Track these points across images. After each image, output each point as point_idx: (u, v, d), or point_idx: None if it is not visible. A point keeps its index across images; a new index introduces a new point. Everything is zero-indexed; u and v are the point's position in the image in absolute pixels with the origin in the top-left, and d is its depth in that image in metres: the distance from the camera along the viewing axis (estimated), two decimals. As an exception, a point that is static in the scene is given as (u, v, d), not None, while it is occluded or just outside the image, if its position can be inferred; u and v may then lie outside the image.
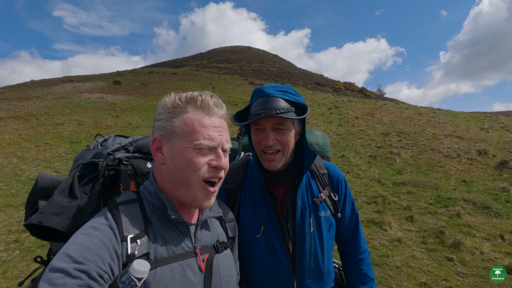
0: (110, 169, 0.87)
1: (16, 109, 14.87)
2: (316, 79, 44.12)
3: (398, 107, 21.66)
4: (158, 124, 0.77)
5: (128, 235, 0.69)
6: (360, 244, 1.24)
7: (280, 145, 1.03)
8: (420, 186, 6.38)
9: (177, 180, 0.76)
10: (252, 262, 1.12)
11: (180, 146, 0.74)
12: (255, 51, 68.76)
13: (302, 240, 1.08)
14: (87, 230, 0.68)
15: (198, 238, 0.81)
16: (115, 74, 36.27)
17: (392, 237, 4.28)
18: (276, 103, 1.00)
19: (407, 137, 11.40)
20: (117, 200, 0.75)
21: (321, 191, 1.14)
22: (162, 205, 0.76)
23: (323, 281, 1.13)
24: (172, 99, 0.78)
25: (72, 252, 0.61)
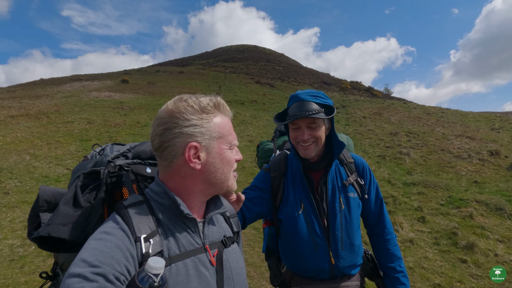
0: (112, 176, 0.88)
1: (27, 107, 15.13)
2: (322, 78, 43.93)
3: (406, 106, 21.44)
4: (191, 130, 0.74)
5: (141, 235, 0.70)
6: (386, 225, 1.38)
7: (313, 139, 1.27)
8: (431, 186, 6.32)
9: (215, 179, 0.80)
10: (294, 236, 1.30)
11: (219, 148, 0.79)
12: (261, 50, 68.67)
13: (334, 216, 1.28)
14: (100, 235, 0.69)
15: (206, 234, 0.83)
16: (122, 73, 36.62)
17: (404, 238, 4.26)
18: (309, 106, 1.24)
19: (416, 137, 11.28)
20: (124, 203, 0.76)
21: (349, 176, 1.35)
22: (172, 203, 0.77)
23: (354, 253, 1.30)
24: (200, 104, 0.77)
25: (87, 257, 0.63)
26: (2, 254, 3.72)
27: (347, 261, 1.28)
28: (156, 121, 0.77)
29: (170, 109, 0.75)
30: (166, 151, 0.75)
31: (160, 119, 0.76)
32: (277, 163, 1.41)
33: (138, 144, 1.04)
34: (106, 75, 33.64)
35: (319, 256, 1.27)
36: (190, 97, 0.78)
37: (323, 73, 54.34)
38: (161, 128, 0.75)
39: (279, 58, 60.16)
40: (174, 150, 0.75)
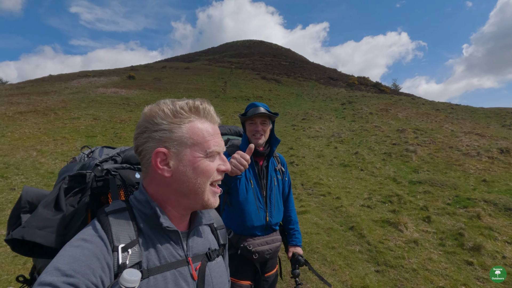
0: (98, 180, 0.85)
1: (35, 103, 15.33)
2: (329, 74, 43.40)
3: (414, 102, 21.05)
4: (159, 135, 0.71)
5: (118, 244, 0.67)
6: (290, 201, 2.03)
7: (262, 132, 1.81)
8: (437, 185, 6.18)
9: (188, 190, 0.74)
10: (245, 204, 1.78)
11: (191, 156, 0.73)
12: (268, 45, 68.15)
13: (271, 189, 1.86)
14: (77, 242, 0.65)
15: (190, 246, 0.79)
16: (129, 69, 36.80)
17: (408, 238, 4.17)
18: (262, 109, 1.80)
19: (423, 134, 11.07)
20: (106, 210, 0.72)
21: (277, 164, 1.97)
22: (153, 214, 0.73)
23: (279, 213, 1.90)
24: (172, 108, 0.73)
25: (61, 265, 0.59)
26: (6, 250, 3.77)
27: (276, 218, 1.86)
28: (137, 124, 0.76)
29: (144, 113, 0.74)
30: (141, 155, 0.74)
31: (139, 122, 0.75)
32: (234, 151, 1.81)
33: (128, 148, 1.01)
34: (113, 71, 33.87)
35: (260, 215, 1.80)
36: (166, 101, 0.74)
37: (330, 68, 53.70)
38: (136, 132, 0.74)
39: (286, 54, 59.66)
40: (147, 155, 0.72)
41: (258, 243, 1.78)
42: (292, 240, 1.97)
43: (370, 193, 6.05)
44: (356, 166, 8.05)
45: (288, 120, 15.99)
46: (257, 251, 1.76)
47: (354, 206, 5.40)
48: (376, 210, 5.24)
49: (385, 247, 3.94)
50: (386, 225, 4.58)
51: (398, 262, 3.61)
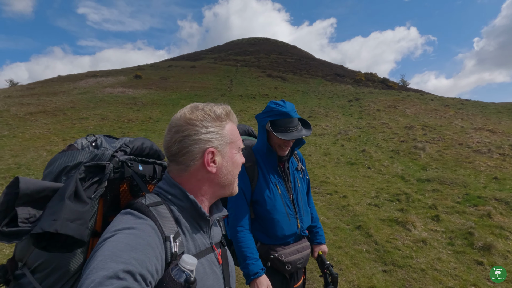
0: (116, 172, 0.86)
1: (44, 104, 15.60)
2: (335, 70, 43.00)
3: (423, 98, 20.71)
4: (208, 136, 0.80)
5: (170, 234, 0.72)
6: (310, 198, 1.88)
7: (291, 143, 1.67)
8: (446, 183, 6.08)
9: (227, 181, 0.87)
10: (274, 211, 1.63)
11: (231, 153, 0.86)
12: (273, 42, 67.84)
13: (297, 192, 1.72)
14: (128, 231, 0.66)
15: (212, 235, 0.88)
16: (136, 68, 37.11)
17: (417, 238, 4.11)
18: (296, 122, 1.61)
19: (432, 131, 10.88)
20: (144, 203, 0.76)
21: (298, 163, 1.83)
22: (191, 205, 0.80)
23: (308, 217, 1.80)
24: (216, 112, 0.83)
25: (119, 252, 0.60)
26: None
27: (306, 223, 1.75)
28: (173, 128, 0.80)
29: (188, 117, 0.80)
30: (185, 156, 0.79)
31: (178, 127, 0.80)
32: (249, 156, 1.69)
33: (133, 139, 1.01)
34: (120, 71, 34.21)
35: (291, 223, 1.66)
36: (206, 106, 0.84)
37: (336, 64, 53.19)
38: (180, 135, 0.78)
39: (292, 51, 59.29)
40: (193, 155, 0.79)
41: (289, 252, 1.65)
42: (316, 238, 1.84)
43: (377, 192, 5.98)
44: (363, 164, 7.97)
45: (294, 118, 15.93)
46: (290, 261, 1.63)
47: (361, 205, 5.35)
48: (383, 209, 5.18)
49: (392, 247, 3.90)
50: (393, 224, 4.53)
51: (406, 262, 3.57)
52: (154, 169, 0.97)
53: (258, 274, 1.50)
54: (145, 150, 0.98)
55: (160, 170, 0.98)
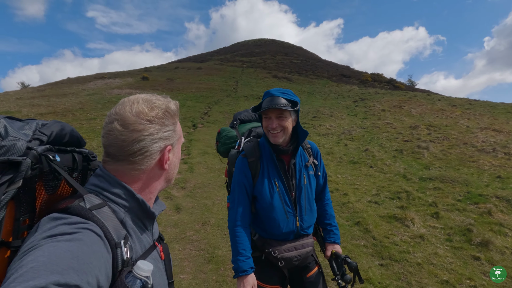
0: (33, 168, 0.67)
1: (54, 105, 16.01)
2: (341, 71, 42.85)
3: (430, 98, 20.52)
4: (167, 134, 0.78)
5: (119, 240, 0.66)
6: (326, 194, 1.81)
7: (281, 127, 1.52)
8: (448, 181, 6.08)
9: (172, 176, 0.86)
10: (271, 208, 1.59)
11: (178, 149, 0.86)
12: (279, 44, 67.94)
13: (300, 190, 1.62)
14: (68, 236, 0.58)
15: (153, 232, 0.85)
16: (143, 70, 37.64)
17: (415, 234, 4.15)
18: (278, 100, 1.49)
19: (437, 130, 10.82)
20: (85, 206, 0.66)
21: (309, 158, 1.70)
22: (138, 205, 0.76)
23: (313, 216, 1.70)
24: (171, 108, 0.81)
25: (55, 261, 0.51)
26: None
27: (308, 222, 1.66)
28: (130, 126, 0.72)
29: (149, 115, 0.74)
30: (143, 155, 0.74)
31: (137, 124, 0.72)
32: (252, 149, 1.64)
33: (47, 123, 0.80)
34: (128, 72, 34.75)
35: (289, 221, 1.60)
36: (160, 102, 0.78)
37: (342, 65, 52.98)
38: (141, 134, 0.72)
39: (297, 52, 59.30)
40: (151, 154, 0.75)
41: (285, 248, 1.61)
42: (330, 236, 1.73)
43: (378, 190, 6.02)
44: (366, 163, 7.99)
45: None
46: (284, 258, 1.60)
47: (361, 202, 5.40)
48: (383, 206, 5.22)
49: (390, 242, 3.95)
50: (392, 221, 4.58)
51: (402, 256, 3.62)
52: (74, 158, 0.82)
53: (247, 272, 1.51)
54: (65, 137, 0.81)
55: (80, 160, 0.84)
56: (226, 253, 3.76)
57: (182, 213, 5.07)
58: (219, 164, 7.92)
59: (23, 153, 0.67)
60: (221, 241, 4.08)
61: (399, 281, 3.18)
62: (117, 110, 0.75)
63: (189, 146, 9.85)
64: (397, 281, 3.19)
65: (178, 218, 4.87)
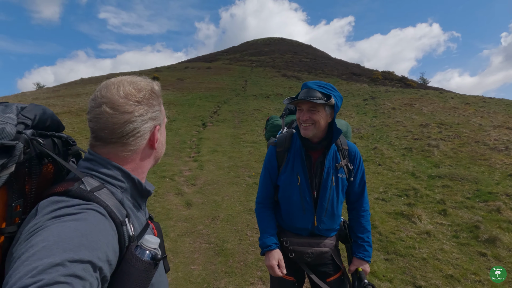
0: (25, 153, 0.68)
1: (69, 105, 16.51)
2: (351, 69, 42.46)
3: (442, 96, 20.15)
4: (155, 115, 0.80)
5: (123, 219, 0.69)
6: (363, 204, 1.67)
7: (312, 121, 1.48)
8: (458, 179, 6.04)
9: (161, 154, 0.90)
10: (289, 200, 1.61)
11: (164, 128, 0.88)
12: (288, 42, 67.75)
13: (325, 190, 1.56)
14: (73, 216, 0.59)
15: (145, 211, 0.89)
16: (153, 70, 38.24)
17: (421, 230, 4.19)
18: (313, 93, 1.45)
19: (448, 129, 10.68)
20: (85, 188, 0.68)
21: (342, 160, 1.60)
22: (133, 185, 0.79)
23: (333, 221, 1.62)
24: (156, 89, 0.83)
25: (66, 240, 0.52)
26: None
27: (326, 225, 1.61)
28: (120, 108, 0.72)
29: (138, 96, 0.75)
30: (134, 136, 0.75)
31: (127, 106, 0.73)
32: (283, 140, 1.66)
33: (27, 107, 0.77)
34: (139, 73, 35.19)
35: (305, 218, 1.59)
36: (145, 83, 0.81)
37: (352, 63, 52.44)
38: (131, 115, 0.73)
39: (307, 50, 59.00)
40: (143, 135, 0.77)
41: (298, 242, 1.62)
42: (360, 252, 1.62)
43: (386, 187, 6.04)
44: (374, 161, 7.99)
45: (307, 117, 15.99)
46: (294, 250, 1.61)
47: (369, 199, 5.44)
48: (390, 203, 5.25)
49: (396, 237, 4.00)
50: (399, 217, 4.61)
51: (408, 251, 3.67)
52: (54, 142, 0.80)
53: (270, 247, 1.56)
54: (47, 121, 0.80)
55: (60, 144, 0.82)
56: (235, 247, 3.89)
57: (192, 209, 5.24)
58: (228, 162, 8.07)
59: (13, 137, 0.65)
60: (230, 235, 4.21)
61: (403, 275, 3.24)
62: (103, 93, 0.74)
63: (199, 145, 10.04)
64: (402, 275, 3.25)
65: (189, 213, 5.03)
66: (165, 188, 6.19)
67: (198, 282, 3.22)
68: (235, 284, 3.14)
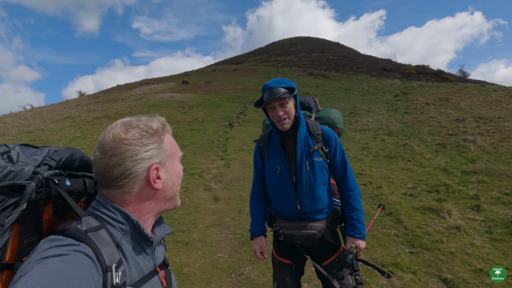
0: (38, 192, 0.70)
1: (107, 109, 17.79)
2: (382, 65, 40.85)
3: (484, 89, 18.75)
4: (149, 154, 0.76)
5: (111, 264, 0.65)
6: (349, 184, 1.73)
7: (286, 114, 1.62)
8: (495, 175, 5.69)
9: (172, 194, 0.84)
10: (273, 188, 1.78)
11: (174, 164, 0.84)
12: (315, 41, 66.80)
13: (301, 175, 1.66)
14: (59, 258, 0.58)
15: (156, 257, 0.82)
16: (183, 74, 39.73)
17: (450, 225, 4.05)
18: (276, 90, 1.59)
19: (487, 123, 10.00)
20: (80, 228, 0.66)
21: (315, 144, 1.69)
22: (133, 228, 0.75)
23: (315, 202, 1.70)
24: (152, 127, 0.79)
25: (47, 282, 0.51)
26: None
27: (309, 207, 1.69)
28: (108, 152, 0.72)
29: (124, 137, 0.73)
30: (127, 179, 0.73)
31: (114, 149, 0.72)
32: (263, 137, 1.85)
33: (59, 150, 0.84)
34: (170, 77, 36.96)
35: (289, 202, 1.72)
36: (139, 122, 0.78)
37: (383, 59, 50.43)
38: (119, 158, 0.72)
39: (334, 48, 57.79)
40: (136, 176, 0.74)
41: (287, 226, 1.74)
42: (351, 230, 1.69)
43: (415, 183, 5.86)
44: (403, 158, 7.74)
45: (334, 115, 15.75)
46: (284, 234, 1.74)
47: (395, 195, 5.33)
48: (419, 198, 5.11)
49: (423, 232, 3.92)
50: (427, 212, 4.49)
51: (435, 245, 3.59)
52: (84, 183, 0.83)
53: (255, 234, 1.81)
54: (75, 162, 0.83)
55: (91, 184, 0.85)
56: (259, 237, 4.06)
57: (219, 203, 5.49)
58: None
59: (29, 177, 0.71)
60: (254, 227, 4.40)
61: (428, 268, 3.19)
62: (99, 139, 0.75)
63: (226, 144, 10.37)
64: (427, 267, 3.21)
65: (216, 207, 5.29)
66: (194, 184, 6.53)
67: (224, 268, 3.44)
68: (259, 271, 3.31)
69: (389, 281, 2.97)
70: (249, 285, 3.12)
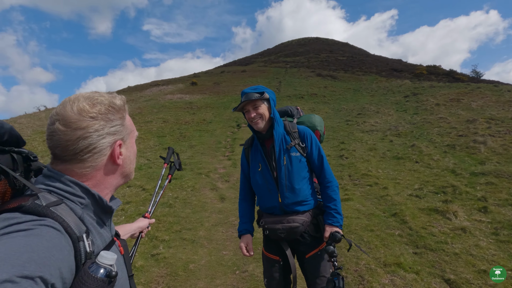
0: None
1: (118, 110, 18.17)
2: (392, 65, 40.32)
3: (497, 89, 18.33)
4: (114, 129, 0.76)
5: (81, 234, 0.66)
6: (326, 176, 1.87)
7: (259, 116, 1.80)
8: (504, 176, 5.61)
9: (129, 170, 0.86)
10: (256, 185, 1.92)
11: (131, 142, 0.86)
12: (324, 41, 66.45)
13: (280, 169, 1.81)
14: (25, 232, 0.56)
15: (112, 228, 0.86)
16: (192, 76, 40.15)
17: (456, 226, 4.03)
18: (250, 95, 1.79)
19: (499, 124, 9.80)
20: (41, 203, 0.64)
21: (292, 141, 1.86)
22: (94, 201, 0.76)
23: (295, 194, 1.81)
24: (116, 103, 0.79)
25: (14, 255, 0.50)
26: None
27: (290, 199, 1.81)
28: (73, 124, 0.70)
29: (91, 111, 0.73)
30: (91, 152, 0.73)
31: (80, 122, 0.70)
32: (248, 140, 2.04)
33: None
34: (179, 79, 37.42)
35: (271, 196, 1.85)
36: (103, 98, 0.77)
37: (393, 59, 49.75)
38: (85, 131, 0.71)
39: (343, 48, 57.35)
40: (101, 151, 0.74)
41: (271, 220, 1.85)
42: (328, 219, 1.80)
43: (421, 184, 5.82)
44: (411, 159, 7.68)
45: (342, 116, 15.67)
46: (268, 228, 1.85)
47: (401, 196, 5.32)
48: (425, 199, 5.08)
49: (427, 232, 3.92)
50: (433, 213, 4.47)
51: (439, 246, 3.59)
52: (13, 158, 0.77)
53: (241, 232, 1.98)
54: (4, 135, 0.75)
55: (20, 160, 0.78)
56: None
57: (225, 202, 5.59)
58: (261, 160, 8.35)
59: None
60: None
61: (432, 268, 3.20)
62: (57, 111, 0.72)
63: (233, 144, 10.48)
64: (430, 268, 3.22)
65: (222, 206, 5.39)
66: (201, 183, 6.65)
67: (229, 265, 3.52)
68: (262, 269, 3.38)
69: (391, 280, 3.00)
70: (252, 281, 3.20)
